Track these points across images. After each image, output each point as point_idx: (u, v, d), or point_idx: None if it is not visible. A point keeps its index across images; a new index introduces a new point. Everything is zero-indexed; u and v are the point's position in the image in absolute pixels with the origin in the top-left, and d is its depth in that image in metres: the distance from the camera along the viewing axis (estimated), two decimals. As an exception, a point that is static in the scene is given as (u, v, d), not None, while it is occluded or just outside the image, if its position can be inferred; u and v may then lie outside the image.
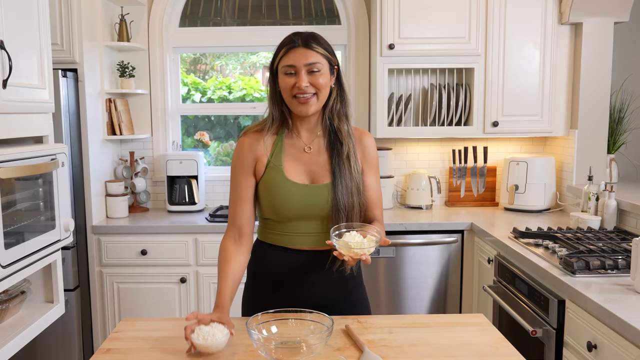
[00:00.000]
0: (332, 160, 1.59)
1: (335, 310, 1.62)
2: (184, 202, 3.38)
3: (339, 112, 1.62)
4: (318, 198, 1.57)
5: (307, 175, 1.60)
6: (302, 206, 1.57)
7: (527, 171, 3.20)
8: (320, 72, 1.54)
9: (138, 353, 1.37)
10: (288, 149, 1.61)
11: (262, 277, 1.68)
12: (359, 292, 1.72)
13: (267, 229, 1.67)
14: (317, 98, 1.55)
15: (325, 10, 3.55)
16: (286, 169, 1.59)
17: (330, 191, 1.57)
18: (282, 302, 1.61)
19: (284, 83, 1.55)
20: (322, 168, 1.60)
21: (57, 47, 2.79)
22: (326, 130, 1.63)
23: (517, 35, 3.10)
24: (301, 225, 1.60)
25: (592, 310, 1.72)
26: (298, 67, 1.52)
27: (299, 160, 1.61)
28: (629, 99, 3.44)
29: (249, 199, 1.63)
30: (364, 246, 1.38)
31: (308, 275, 1.62)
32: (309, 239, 1.61)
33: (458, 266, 3.01)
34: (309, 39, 1.54)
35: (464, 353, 1.36)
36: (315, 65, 1.53)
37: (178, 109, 3.59)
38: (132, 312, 3.04)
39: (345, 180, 1.57)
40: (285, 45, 1.55)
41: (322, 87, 1.55)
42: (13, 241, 1.78)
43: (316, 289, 1.64)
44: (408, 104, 3.26)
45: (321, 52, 1.54)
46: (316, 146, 1.63)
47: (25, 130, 1.94)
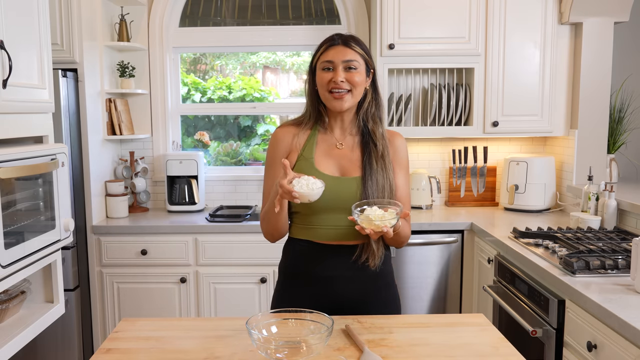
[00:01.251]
0: (363, 157, 1.63)
1: (365, 308, 1.62)
2: (184, 202, 3.38)
3: (373, 115, 1.68)
4: (347, 190, 1.60)
5: (338, 169, 1.64)
6: (330, 197, 1.58)
7: (527, 171, 3.20)
8: (356, 69, 1.60)
9: (138, 353, 1.37)
10: (320, 144, 1.66)
11: (293, 274, 1.68)
12: (391, 290, 1.71)
13: (296, 224, 1.68)
14: (352, 95, 1.61)
15: (325, 10, 3.55)
16: (317, 161, 1.63)
17: (360, 185, 1.60)
18: (315, 297, 1.62)
19: (321, 78, 1.61)
20: (352, 163, 1.64)
21: (57, 47, 2.79)
22: (359, 131, 1.68)
23: (517, 35, 3.10)
24: (330, 218, 1.61)
25: (592, 310, 1.72)
26: (336, 62, 1.59)
27: (330, 154, 1.65)
28: (629, 99, 3.44)
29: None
30: (384, 218, 1.41)
31: (337, 270, 1.63)
32: (337, 232, 1.62)
33: (458, 266, 3.01)
34: (349, 38, 1.62)
35: (464, 353, 1.36)
36: (352, 62, 1.59)
37: (178, 109, 3.59)
38: (132, 312, 3.04)
39: (377, 177, 1.60)
40: (326, 43, 1.62)
41: (357, 85, 1.60)
42: (13, 241, 1.78)
43: (346, 285, 1.63)
44: (408, 104, 3.26)
45: (359, 52, 1.61)
46: (349, 143, 1.67)
47: (25, 130, 1.94)
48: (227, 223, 3.03)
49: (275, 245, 2.89)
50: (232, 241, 2.99)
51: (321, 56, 1.62)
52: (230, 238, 2.99)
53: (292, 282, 1.68)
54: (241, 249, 2.98)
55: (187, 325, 1.54)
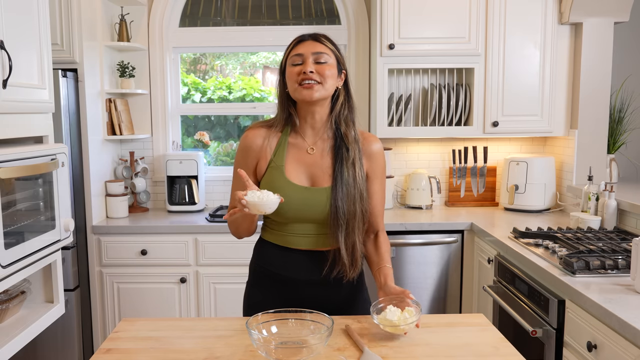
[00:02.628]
0: (335, 165, 1.57)
1: (338, 312, 1.62)
2: (184, 202, 3.38)
3: (346, 117, 1.62)
4: (316, 201, 1.56)
5: (308, 178, 1.59)
6: (300, 208, 1.56)
7: (527, 171, 3.20)
8: (327, 63, 1.55)
9: (138, 353, 1.37)
10: (291, 149, 1.61)
11: (263, 275, 1.68)
12: (362, 294, 1.71)
13: (268, 228, 1.68)
14: (323, 87, 1.54)
15: (325, 10, 3.55)
16: (287, 170, 1.58)
17: (329, 195, 1.55)
18: (283, 300, 1.62)
19: (290, 72, 1.56)
20: (323, 172, 1.59)
21: (57, 47, 2.79)
22: (332, 134, 1.62)
23: (517, 35, 3.10)
24: (300, 226, 1.60)
25: (592, 310, 1.72)
26: (305, 55, 1.54)
27: (301, 161, 1.60)
28: (629, 99, 3.44)
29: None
30: (407, 320, 1.38)
31: (307, 275, 1.62)
32: (307, 240, 1.61)
33: (458, 266, 3.01)
34: (319, 34, 1.59)
35: (464, 353, 1.36)
36: (322, 55, 1.55)
37: (178, 109, 3.59)
38: (132, 312, 3.04)
39: (347, 187, 1.55)
40: (295, 40, 1.60)
41: (328, 77, 1.54)
42: (13, 241, 1.78)
43: (316, 290, 1.63)
44: (408, 104, 3.26)
45: (329, 47, 1.57)
46: (320, 148, 1.61)
47: (25, 130, 1.94)
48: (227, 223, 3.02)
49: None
50: (232, 241, 2.98)
51: (290, 52, 1.58)
52: (230, 238, 2.97)
53: (262, 281, 1.68)
54: (241, 249, 2.98)
55: (187, 325, 1.54)
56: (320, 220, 1.57)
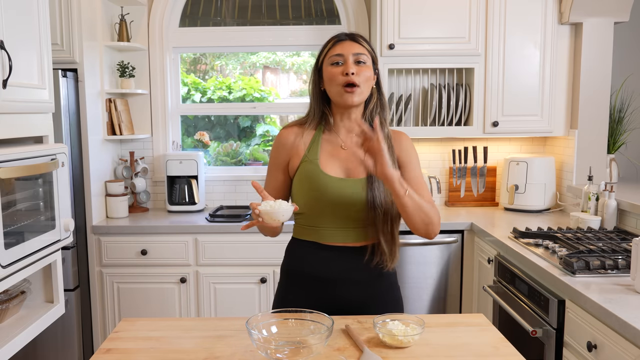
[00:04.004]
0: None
1: (369, 310, 1.61)
2: (184, 202, 3.38)
3: (378, 115, 1.65)
4: (352, 192, 1.57)
5: (343, 170, 1.62)
6: (336, 199, 1.57)
7: (527, 171, 3.20)
8: (366, 64, 1.59)
9: (138, 353, 1.37)
10: (325, 145, 1.64)
11: (296, 275, 1.67)
12: (394, 292, 1.70)
13: (301, 225, 1.67)
14: (361, 89, 1.58)
15: (325, 10, 3.55)
16: (322, 163, 1.61)
17: (365, 186, 1.57)
18: (318, 299, 1.61)
19: (331, 73, 1.58)
20: (358, 164, 1.60)
21: (57, 47, 2.79)
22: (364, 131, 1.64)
23: (517, 35, 3.10)
24: (335, 219, 1.60)
25: (592, 310, 1.72)
26: (346, 55, 1.57)
27: (335, 156, 1.63)
28: (629, 99, 3.44)
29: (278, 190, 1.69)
30: (407, 333, 1.38)
31: (341, 272, 1.61)
32: (343, 234, 1.60)
33: (458, 266, 3.01)
34: (355, 34, 1.62)
35: (464, 353, 1.36)
36: (362, 56, 1.58)
37: (178, 109, 3.59)
38: (132, 312, 3.04)
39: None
40: (332, 39, 1.61)
41: (367, 80, 1.59)
42: (13, 241, 1.78)
43: (350, 288, 1.62)
44: (408, 104, 3.26)
45: (367, 47, 1.61)
46: (354, 144, 1.63)
47: (25, 130, 1.94)
48: (227, 223, 3.02)
49: (276, 246, 2.91)
50: (232, 241, 2.99)
51: (329, 52, 1.60)
52: (230, 238, 2.99)
53: (295, 282, 1.67)
54: (241, 249, 2.98)
55: (187, 325, 1.54)
56: (357, 211, 1.58)
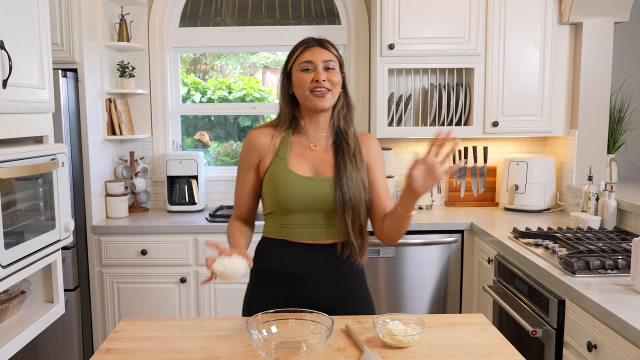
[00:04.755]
0: (337, 157, 1.65)
1: (337, 308, 1.62)
2: (184, 202, 3.38)
3: (345, 116, 1.70)
4: (321, 190, 1.61)
5: (311, 169, 1.65)
6: (305, 198, 1.60)
7: (527, 171, 3.20)
8: (334, 70, 1.64)
9: (138, 353, 1.37)
10: (294, 146, 1.67)
11: (264, 275, 1.69)
12: (363, 291, 1.72)
13: (270, 224, 1.70)
14: (332, 94, 1.63)
15: (325, 10, 3.55)
16: (291, 163, 1.64)
17: (333, 184, 1.61)
18: (287, 297, 1.62)
19: (301, 79, 1.62)
20: (326, 164, 1.65)
21: (57, 47, 2.79)
22: (333, 131, 1.70)
23: (517, 35, 3.10)
24: (304, 217, 1.62)
25: (592, 310, 1.72)
26: (316, 62, 1.62)
27: (304, 156, 1.66)
28: (629, 99, 3.44)
29: (249, 193, 1.72)
30: (407, 333, 1.38)
31: (310, 269, 1.63)
32: (312, 231, 1.63)
33: (458, 266, 3.01)
34: (323, 40, 1.67)
35: (464, 353, 1.36)
36: (331, 62, 1.63)
37: (178, 109, 3.59)
38: (132, 312, 3.04)
39: (352, 175, 1.62)
40: (301, 45, 1.67)
41: (336, 84, 1.64)
42: (13, 241, 1.78)
43: (318, 286, 1.64)
44: (408, 104, 3.26)
45: (335, 53, 1.66)
46: (322, 145, 1.69)
47: (25, 130, 1.94)
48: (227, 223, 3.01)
49: (275, 245, 2.91)
50: (232, 241, 2.98)
51: (298, 58, 1.64)
52: (230, 238, 2.99)
53: (265, 281, 1.69)
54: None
55: (187, 325, 1.54)
56: (325, 209, 1.61)
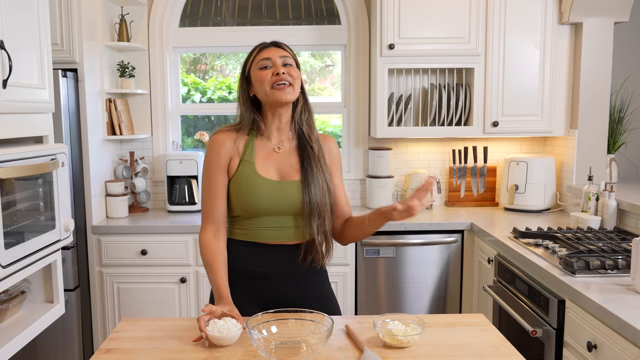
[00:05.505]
0: (303, 161, 1.67)
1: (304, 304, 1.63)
2: (184, 202, 3.38)
3: (307, 119, 1.73)
4: (288, 194, 1.63)
5: (277, 172, 1.67)
6: (272, 201, 1.63)
7: (527, 171, 3.20)
8: (292, 66, 1.67)
9: (138, 353, 1.37)
10: (259, 150, 1.68)
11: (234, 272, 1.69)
12: (325, 285, 1.77)
13: (235, 227, 1.71)
14: (293, 88, 1.65)
15: (325, 10, 3.55)
16: (258, 166, 1.65)
17: (300, 188, 1.64)
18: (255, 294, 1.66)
19: (260, 76, 1.64)
20: (291, 167, 1.68)
21: (57, 47, 2.79)
22: (295, 134, 1.72)
23: (517, 35, 3.10)
24: (271, 220, 1.65)
25: (592, 310, 1.72)
26: (274, 59, 1.65)
27: (269, 158, 1.68)
28: (629, 99, 3.44)
29: (223, 195, 1.69)
30: (407, 333, 1.39)
31: (276, 268, 1.66)
32: (279, 233, 1.66)
33: (458, 266, 3.01)
34: (278, 41, 1.72)
35: (464, 353, 1.36)
36: (288, 59, 1.66)
37: (178, 109, 3.59)
38: (132, 312, 3.04)
39: (318, 180, 1.65)
40: (257, 47, 1.71)
41: (296, 79, 1.66)
42: (13, 241, 1.78)
43: (284, 283, 1.67)
44: (408, 104, 3.26)
45: (290, 53, 1.69)
46: (286, 148, 1.70)
47: (25, 130, 1.94)
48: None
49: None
50: (232, 241, 2.98)
51: (256, 58, 1.67)
52: (230, 238, 2.99)
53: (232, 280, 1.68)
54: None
55: (187, 325, 1.54)
56: (292, 212, 1.65)
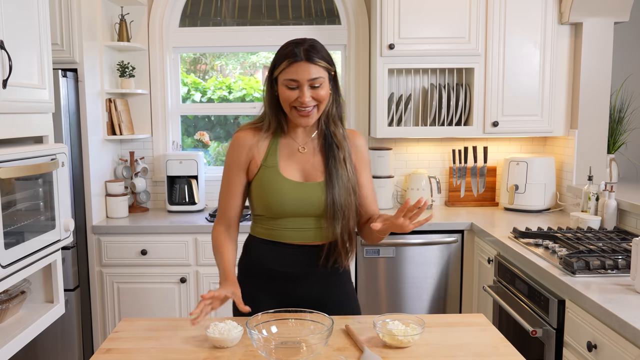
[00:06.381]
0: (327, 162, 1.63)
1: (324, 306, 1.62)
2: (184, 202, 3.38)
3: (333, 116, 1.67)
4: (312, 195, 1.61)
5: (301, 174, 1.64)
6: (296, 203, 1.61)
7: (527, 171, 3.20)
8: (321, 85, 1.56)
9: (138, 353, 1.37)
10: (283, 149, 1.66)
11: (252, 271, 1.70)
12: (347, 287, 1.75)
13: (257, 224, 1.70)
14: (318, 109, 1.59)
15: (325, 10, 3.55)
16: (281, 167, 1.63)
17: (324, 190, 1.61)
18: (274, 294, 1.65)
19: (285, 95, 1.57)
20: (315, 168, 1.64)
21: (57, 47, 2.79)
22: (321, 133, 1.68)
23: (517, 35, 3.10)
24: (294, 221, 1.63)
25: (592, 310, 1.72)
26: (301, 82, 1.54)
27: (293, 159, 1.65)
28: (629, 99, 3.44)
29: (239, 194, 1.69)
30: (407, 333, 1.38)
31: (298, 268, 1.65)
32: (301, 234, 1.64)
33: (458, 266, 3.01)
34: (311, 51, 1.54)
35: (464, 353, 1.36)
36: (318, 80, 1.55)
37: (178, 109, 3.59)
38: (132, 312, 3.04)
39: (342, 181, 1.62)
40: (287, 57, 1.55)
41: (323, 99, 1.58)
42: (13, 241, 1.78)
43: (306, 283, 1.66)
44: (408, 104, 3.26)
45: (322, 66, 1.56)
46: (310, 147, 1.67)
47: (25, 130, 1.94)
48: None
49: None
50: (232, 241, 2.98)
51: (283, 72, 1.55)
52: (230, 238, 2.99)
53: (252, 279, 1.69)
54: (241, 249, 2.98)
55: (187, 325, 1.54)
56: (316, 214, 1.62)
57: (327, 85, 1.58)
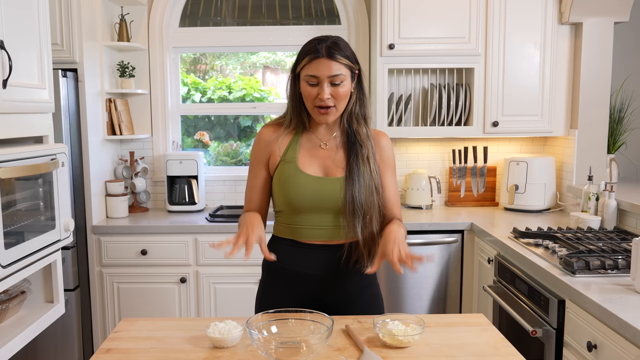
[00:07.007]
0: (349, 158, 1.62)
1: (349, 307, 1.62)
2: (184, 202, 3.38)
3: (357, 115, 1.65)
4: (330, 190, 1.59)
5: (321, 169, 1.64)
6: (314, 197, 1.59)
7: (527, 171, 3.20)
8: (342, 83, 1.56)
9: (138, 353, 1.37)
10: (304, 144, 1.66)
11: (276, 273, 1.69)
12: (373, 289, 1.72)
13: (280, 223, 1.69)
14: (337, 109, 1.59)
15: (325, 10, 3.55)
16: (300, 162, 1.62)
17: (343, 185, 1.59)
18: (296, 297, 1.63)
19: (306, 91, 1.58)
20: (336, 164, 1.63)
21: (57, 47, 2.79)
22: (344, 131, 1.67)
23: (517, 35, 3.10)
24: (314, 218, 1.62)
25: (592, 310, 1.72)
26: (321, 78, 1.54)
27: (314, 154, 1.65)
28: (629, 99, 3.44)
29: (260, 188, 1.69)
30: (407, 333, 1.38)
31: (320, 269, 1.63)
32: (321, 232, 1.62)
33: (458, 266, 3.01)
34: (333, 48, 1.55)
35: (464, 353, 1.36)
36: (338, 77, 1.55)
37: (178, 109, 3.59)
38: (132, 312, 3.04)
39: (364, 179, 1.59)
40: (309, 53, 1.56)
41: (343, 98, 1.58)
42: (13, 241, 1.78)
43: (324, 284, 1.64)
44: (408, 104, 3.26)
45: (344, 63, 1.56)
46: (332, 144, 1.66)
47: (25, 130, 1.94)
48: (227, 223, 3.03)
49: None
50: (232, 241, 2.98)
51: (305, 68, 1.57)
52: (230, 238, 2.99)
53: (275, 280, 1.69)
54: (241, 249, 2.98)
55: (187, 325, 1.54)
56: (335, 210, 1.60)
57: (348, 83, 1.58)
